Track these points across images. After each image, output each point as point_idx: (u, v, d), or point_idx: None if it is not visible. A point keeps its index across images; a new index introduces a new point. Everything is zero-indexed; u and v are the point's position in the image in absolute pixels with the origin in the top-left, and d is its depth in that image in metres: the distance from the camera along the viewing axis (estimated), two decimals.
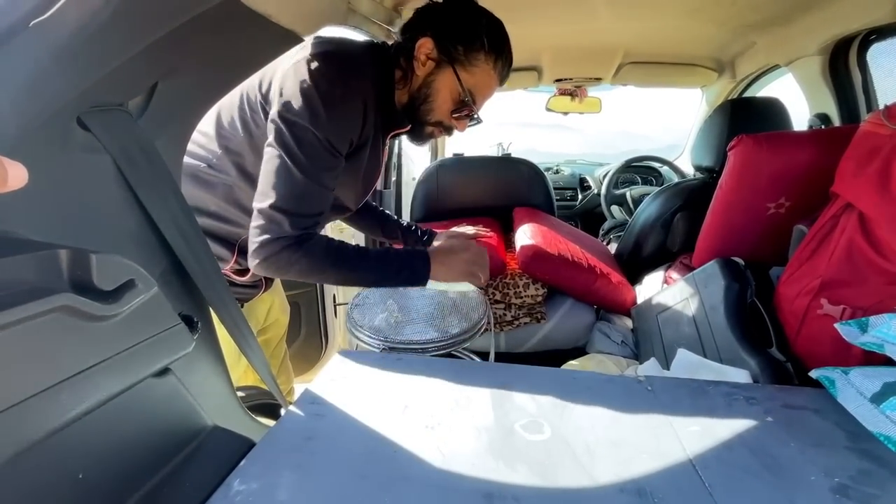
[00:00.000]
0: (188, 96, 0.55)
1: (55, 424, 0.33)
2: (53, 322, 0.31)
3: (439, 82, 0.87)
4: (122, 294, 0.36)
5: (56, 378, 0.32)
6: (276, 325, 1.28)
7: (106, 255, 0.35)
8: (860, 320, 0.67)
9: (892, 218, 0.66)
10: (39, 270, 0.31)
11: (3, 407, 0.29)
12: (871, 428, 0.58)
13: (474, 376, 0.72)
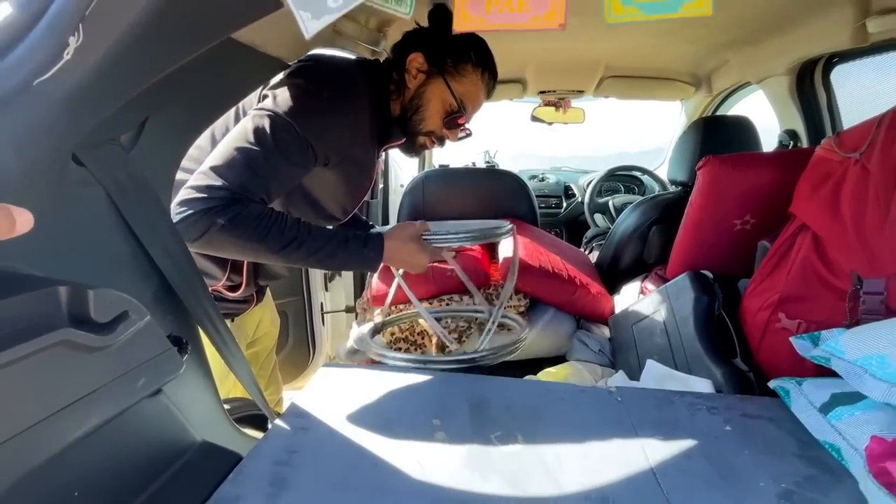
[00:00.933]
0: (177, 127, 0.58)
1: (54, 450, 0.35)
2: (54, 355, 0.34)
3: (430, 92, 0.91)
4: (117, 325, 0.39)
5: (56, 407, 0.35)
6: (265, 337, 1.30)
7: (102, 290, 0.38)
8: (813, 334, 0.71)
9: (841, 239, 0.71)
10: (41, 306, 0.34)
11: (5, 437, 0.31)
12: (819, 436, 0.62)
13: (455, 389, 0.76)
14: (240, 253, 0.79)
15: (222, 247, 0.75)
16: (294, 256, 0.80)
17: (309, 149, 0.78)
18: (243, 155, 0.73)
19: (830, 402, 0.64)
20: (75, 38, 0.33)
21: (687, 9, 0.31)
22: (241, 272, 0.99)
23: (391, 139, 0.99)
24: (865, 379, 0.58)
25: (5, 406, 0.32)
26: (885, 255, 0.66)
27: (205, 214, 0.69)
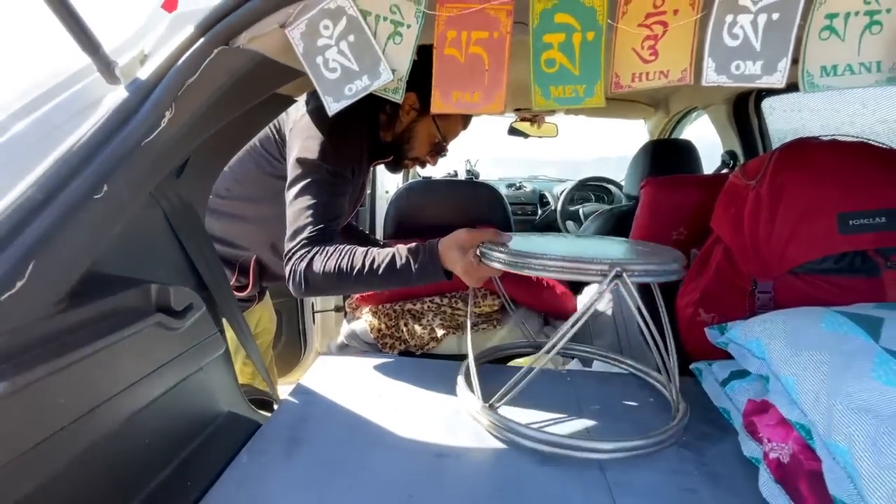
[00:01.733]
0: (209, 159, 0.72)
1: (146, 401, 0.50)
2: (150, 332, 0.49)
3: (420, 128, 1.08)
4: (186, 313, 0.53)
5: (150, 369, 0.50)
6: (263, 332, 1.44)
7: (177, 287, 0.52)
8: (721, 325, 0.89)
9: (743, 250, 0.89)
10: (142, 298, 0.49)
11: (123, 387, 0.46)
12: (717, 403, 0.80)
13: (434, 373, 0.91)
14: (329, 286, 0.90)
15: (317, 287, 0.89)
16: (374, 287, 0.94)
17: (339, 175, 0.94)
18: (308, 211, 0.89)
19: (728, 377, 0.82)
20: (169, 112, 0.48)
21: (587, 102, 0.47)
22: (248, 275, 1.13)
23: (380, 157, 1.15)
24: (747, 356, 0.75)
25: (125, 367, 0.46)
26: (772, 263, 0.84)
27: (296, 265, 0.87)
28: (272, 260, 1.15)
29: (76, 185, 0.41)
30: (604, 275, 0.60)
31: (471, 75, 0.47)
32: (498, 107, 0.48)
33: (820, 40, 0.43)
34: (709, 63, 0.45)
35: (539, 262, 0.63)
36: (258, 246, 1.12)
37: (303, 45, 0.46)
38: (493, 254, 0.72)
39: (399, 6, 0.45)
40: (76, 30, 0.45)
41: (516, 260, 0.67)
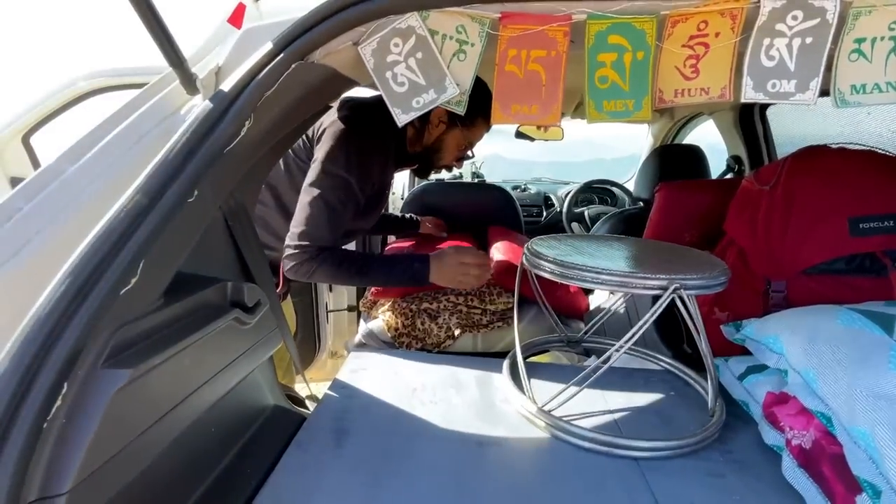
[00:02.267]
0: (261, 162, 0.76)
1: (224, 392, 0.54)
2: (229, 327, 0.52)
3: (448, 139, 1.17)
4: (256, 309, 0.57)
5: (228, 361, 0.53)
6: None
7: (250, 285, 0.56)
8: (736, 322, 0.94)
9: (757, 251, 0.94)
10: (221, 295, 0.52)
11: (208, 378, 0.50)
12: (736, 396, 0.84)
13: (463, 367, 0.95)
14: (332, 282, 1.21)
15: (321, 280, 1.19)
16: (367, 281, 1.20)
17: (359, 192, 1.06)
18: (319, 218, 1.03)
19: (745, 372, 0.86)
20: (249, 121, 0.52)
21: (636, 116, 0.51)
22: (278, 272, 1.16)
23: (405, 164, 1.23)
24: (765, 352, 0.80)
25: (209, 359, 0.50)
26: (785, 263, 0.89)
27: (301, 266, 1.04)
28: None
29: (174, 189, 0.45)
30: (663, 289, 0.64)
31: (529, 90, 0.51)
32: (555, 118, 0.52)
33: (849, 62, 0.48)
34: (748, 81, 0.49)
35: (598, 275, 0.67)
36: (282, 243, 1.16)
37: (373, 61, 0.50)
38: (544, 263, 0.74)
39: (465, 26, 0.49)
40: (164, 41, 0.48)
41: (570, 272, 0.70)
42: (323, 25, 0.50)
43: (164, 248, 0.44)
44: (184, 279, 0.52)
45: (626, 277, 0.67)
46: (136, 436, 0.40)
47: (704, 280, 0.68)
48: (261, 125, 0.53)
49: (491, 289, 1.53)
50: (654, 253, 0.84)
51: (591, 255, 0.78)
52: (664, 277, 0.66)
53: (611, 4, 0.47)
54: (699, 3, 0.47)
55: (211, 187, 0.49)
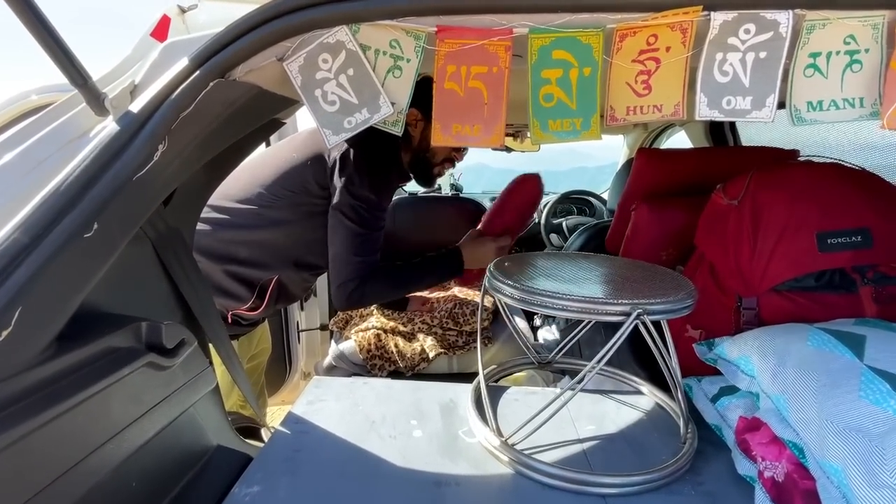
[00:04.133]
0: (198, 185, 0.71)
1: (136, 446, 0.48)
2: (141, 373, 0.47)
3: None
4: (178, 350, 0.52)
5: (141, 412, 0.48)
6: (262, 352, 1.42)
7: (169, 324, 0.51)
8: (709, 341, 0.91)
9: (727, 267, 0.92)
10: (131, 338, 0.47)
11: (113, 434, 0.44)
12: (709, 420, 0.81)
13: (427, 395, 0.90)
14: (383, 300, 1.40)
15: (374, 303, 1.35)
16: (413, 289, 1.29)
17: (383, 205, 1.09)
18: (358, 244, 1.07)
19: (718, 393, 0.83)
20: (163, 145, 0.47)
21: (584, 136, 0.48)
22: (264, 296, 1.11)
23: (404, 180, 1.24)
24: (737, 373, 0.77)
25: (115, 412, 0.44)
26: (756, 280, 0.87)
27: (353, 294, 1.09)
28: (292, 278, 1.17)
29: (65, 225, 0.40)
30: (626, 314, 0.61)
31: (470, 108, 0.48)
32: (497, 139, 0.48)
33: (805, 77, 0.45)
34: (701, 98, 0.46)
35: (559, 301, 0.63)
36: (281, 265, 1.13)
37: (301, 79, 0.46)
38: (505, 288, 0.71)
39: (399, 41, 0.45)
40: (63, 60, 0.43)
41: (532, 298, 0.67)
42: (243, 40, 0.46)
43: (50, 294, 0.39)
44: (92, 320, 0.47)
45: (588, 303, 0.63)
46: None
47: (669, 304, 0.64)
48: (178, 148, 0.48)
49: (464, 308, 1.49)
50: (622, 274, 0.81)
51: (555, 279, 0.74)
52: (626, 302, 0.62)
53: (553, 17, 0.44)
54: (647, 16, 0.45)
55: (117, 219, 0.44)
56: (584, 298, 0.63)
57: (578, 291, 0.67)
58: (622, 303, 0.62)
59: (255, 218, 1.08)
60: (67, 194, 0.41)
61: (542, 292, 0.66)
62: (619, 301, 0.63)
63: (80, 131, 0.48)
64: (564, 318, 0.67)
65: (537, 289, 0.67)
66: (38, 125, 0.49)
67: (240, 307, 1.11)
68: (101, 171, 0.43)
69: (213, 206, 1.09)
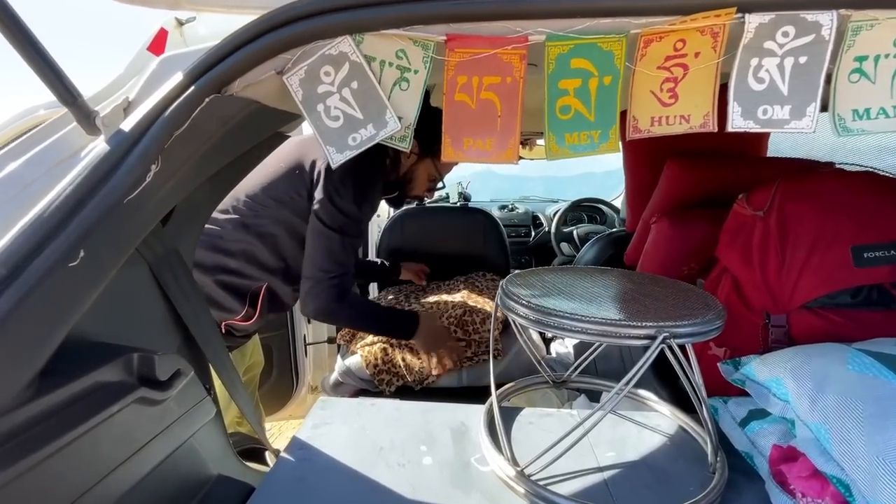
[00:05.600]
0: (202, 202, 0.68)
1: (128, 486, 0.45)
2: (132, 409, 0.44)
3: (420, 169, 1.16)
4: (173, 381, 0.48)
5: (132, 451, 0.44)
6: (255, 365, 1.39)
7: (163, 356, 0.47)
8: (735, 360, 0.86)
9: (753, 282, 0.87)
10: (122, 371, 0.44)
11: (102, 476, 0.41)
12: (738, 446, 0.76)
13: (437, 418, 0.86)
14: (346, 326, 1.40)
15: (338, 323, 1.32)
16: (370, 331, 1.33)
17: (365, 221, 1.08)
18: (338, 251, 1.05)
19: (747, 417, 0.78)
20: (156, 165, 0.44)
21: (602, 148, 0.44)
22: (256, 304, 1.09)
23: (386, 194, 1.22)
24: (768, 397, 0.72)
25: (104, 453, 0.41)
26: (785, 296, 0.82)
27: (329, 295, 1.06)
28: (281, 288, 1.15)
29: (47, 254, 0.37)
30: (650, 338, 0.56)
31: (482, 122, 0.44)
32: (511, 155, 0.45)
33: (850, 83, 0.41)
34: (734, 108, 0.42)
35: (577, 323, 0.59)
36: (269, 275, 1.12)
37: (302, 93, 0.43)
38: (518, 308, 0.67)
39: (406, 51, 0.42)
40: (50, 77, 0.41)
41: (548, 319, 0.62)
42: (240, 53, 0.43)
43: (30, 330, 0.36)
44: (81, 351, 0.44)
45: (608, 326, 0.59)
46: None
47: (696, 326, 0.60)
48: (173, 168, 0.45)
49: (473, 317, 1.45)
50: (644, 291, 0.76)
51: (571, 297, 0.70)
52: (651, 325, 0.58)
53: (573, 23, 0.41)
54: (675, 20, 0.41)
55: (106, 245, 0.42)
56: (604, 321, 0.59)
57: (598, 312, 0.62)
58: (646, 325, 0.58)
59: (240, 229, 1.07)
60: (51, 221, 0.38)
61: (559, 313, 0.62)
62: (642, 323, 0.58)
63: (69, 151, 0.46)
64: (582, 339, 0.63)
65: (553, 309, 0.63)
66: (27, 145, 0.46)
67: (232, 318, 1.10)
68: (88, 195, 0.40)
69: None
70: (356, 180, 1.03)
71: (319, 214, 1.03)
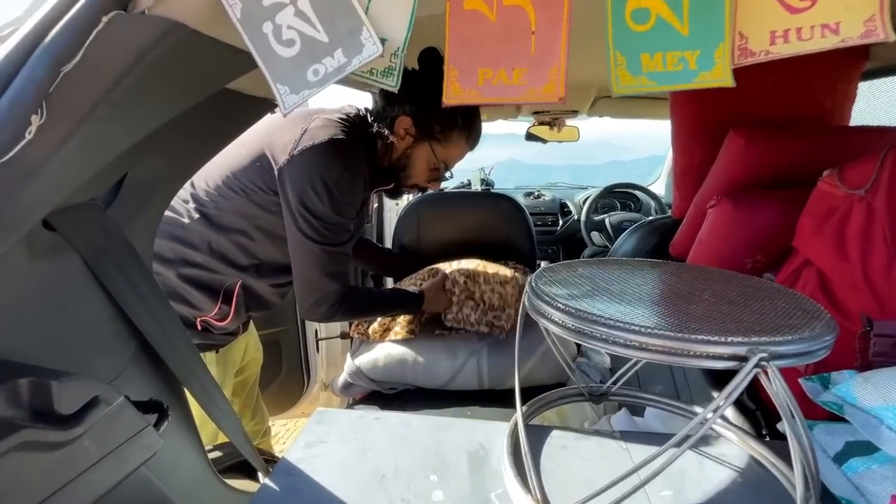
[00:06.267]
0: (158, 179, 0.55)
1: None
2: (14, 460, 0.31)
3: (417, 155, 0.97)
4: (86, 414, 0.36)
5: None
6: (252, 363, 1.28)
7: (67, 380, 0.35)
8: (823, 376, 0.69)
9: (849, 280, 0.69)
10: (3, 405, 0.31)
11: None
12: (835, 491, 0.59)
13: (452, 437, 0.73)
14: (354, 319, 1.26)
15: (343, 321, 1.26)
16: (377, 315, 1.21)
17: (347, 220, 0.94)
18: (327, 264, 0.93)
19: (845, 451, 0.61)
20: (38, 117, 0.31)
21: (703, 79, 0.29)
22: (230, 302, 0.97)
23: (382, 185, 1.05)
24: (882, 431, 0.55)
25: None
26: (893, 299, 0.64)
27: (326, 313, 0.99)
28: (257, 285, 1.02)
29: None
30: (740, 360, 0.40)
31: (508, 42, 0.29)
32: (553, 90, 0.30)
33: None
34: None
35: (634, 336, 0.43)
36: (239, 271, 0.98)
37: (240, 7, 0.29)
38: (554, 313, 0.51)
39: None
40: None
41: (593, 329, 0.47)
42: None
43: None
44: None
45: (678, 341, 0.44)
46: None
47: (804, 343, 0.44)
48: (71, 122, 0.32)
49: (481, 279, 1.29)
50: (712, 291, 0.60)
51: (620, 298, 0.55)
52: (740, 341, 0.42)
53: None
54: None
55: None
56: (673, 335, 0.44)
57: (657, 320, 0.47)
58: (732, 341, 0.42)
59: (203, 221, 0.93)
60: None
61: (608, 321, 0.47)
62: (726, 339, 0.43)
63: None
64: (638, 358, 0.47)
65: (600, 316, 0.48)
66: None
67: (205, 315, 0.98)
68: None
69: None
70: (330, 177, 0.86)
71: (298, 223, 0.89)
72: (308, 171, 0.86)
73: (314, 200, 0.87)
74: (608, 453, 0.69)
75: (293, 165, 0.87)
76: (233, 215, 0.92)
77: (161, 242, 0.91)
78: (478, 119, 1.00)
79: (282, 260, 1.01)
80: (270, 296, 1.06)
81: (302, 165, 0.87)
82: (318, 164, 0.86)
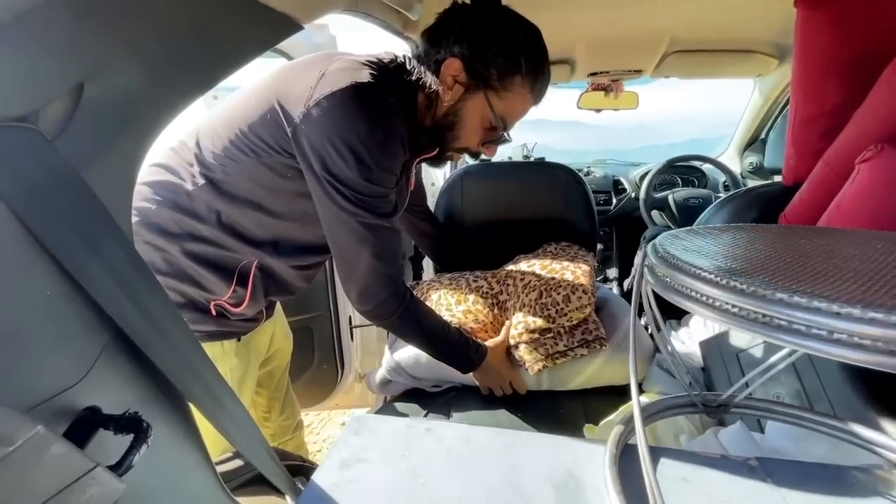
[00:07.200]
0: (135, 102, 0.39)
1: None
2: None
3: (468, 109, 0.78)
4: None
5: None
6: (279, 353, 1.15)
7: None
8: None
9: None
10: None
11: None
12: None
13: (528, 457, 0.55)
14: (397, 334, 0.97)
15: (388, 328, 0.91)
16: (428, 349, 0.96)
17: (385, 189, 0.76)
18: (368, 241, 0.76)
19: None
20: None
21: None
22: (246, 285, 0.82)
23: (425, 151, 0.85)
24: None
25: None
26: None
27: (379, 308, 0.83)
28: (275, 264, 0.86)
29: None
30: None
31: None
32: None
33: None
34: None
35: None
36: (255, 248, 0.82)
37: None
38: (716, 293, 0.35)
39: None
40: None
41: (811, 320, 0.30)
42: None
43: None
44: None
45: None
46: None
47: None
48: None
49: (553, 294, 1.09)
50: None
51: (823, 275, 0.35)
52: None
53: None
54: None
55: None
56: None
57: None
58: None
59: (209, 187, 0.76)
60: None
61: (826, 310, 0.28)
62: None
63: None
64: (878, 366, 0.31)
65: (810, 306, 0.28)
66: None
67: (219, 299, 0.82)
68: None
69: None
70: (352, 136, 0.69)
71: (326, 189, 0.72)
72: (327, 128, 0.68)
73: (339, 164, 0.69)
74: (751, 492, 0.50)
75: (309, 121, 0.68)
76: (243, 181, 0.75)
77: (163, 212, 0.76)
78: (547, 63, 0.79)
79: (303, 238, 0.84)
80: (293, 279, 0.90)
81: (319, 120, 0.68)
82: (338, 118, 0.68)
